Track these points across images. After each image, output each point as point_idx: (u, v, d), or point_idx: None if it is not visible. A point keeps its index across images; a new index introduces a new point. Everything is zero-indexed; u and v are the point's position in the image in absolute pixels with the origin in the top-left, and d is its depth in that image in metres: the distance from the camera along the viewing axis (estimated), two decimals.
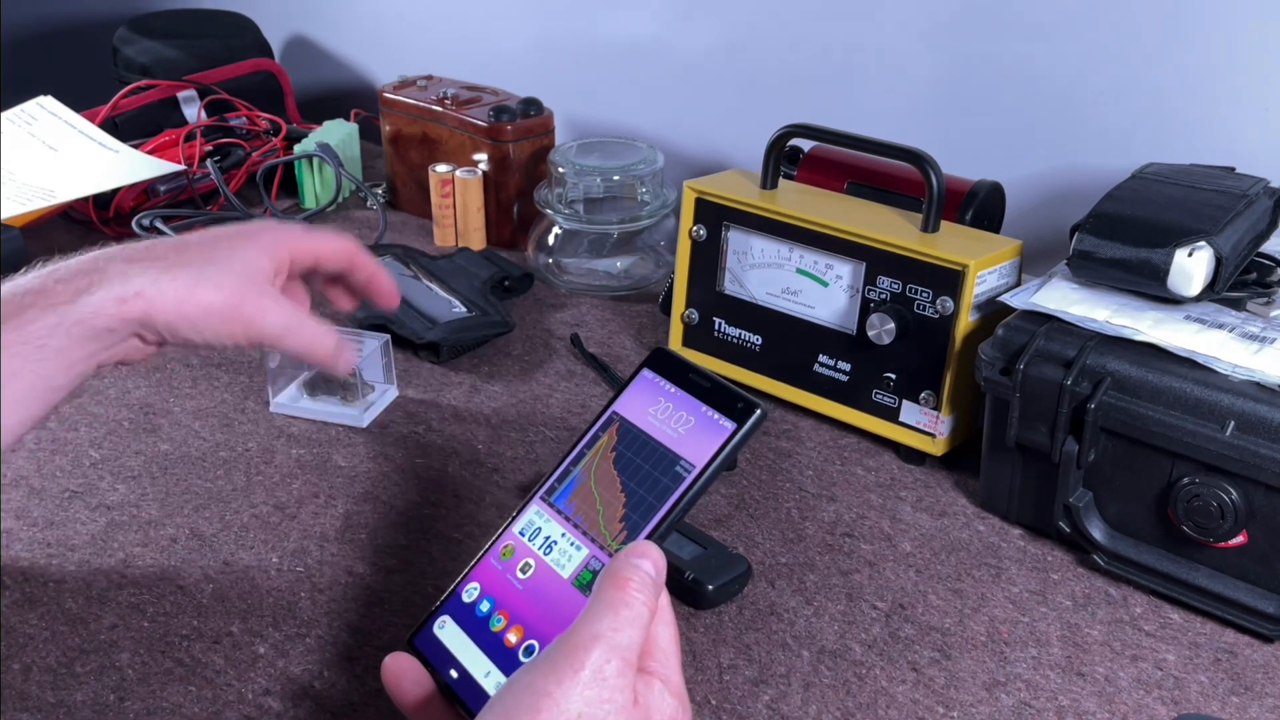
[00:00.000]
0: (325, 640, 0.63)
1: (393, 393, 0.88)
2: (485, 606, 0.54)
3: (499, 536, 0.57)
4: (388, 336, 0.87)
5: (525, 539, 0.56)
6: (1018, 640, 0.64)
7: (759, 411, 0.53)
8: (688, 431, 0.54)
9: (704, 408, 0.54)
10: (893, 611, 0.66)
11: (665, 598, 0.49)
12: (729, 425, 0.53)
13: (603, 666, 0.44)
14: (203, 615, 0.65)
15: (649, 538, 0.51)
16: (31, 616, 0.65)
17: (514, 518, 0.57)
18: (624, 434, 0.56)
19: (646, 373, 0.58)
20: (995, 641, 0.64)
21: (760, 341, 0.86)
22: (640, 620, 0.47)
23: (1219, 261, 0.67)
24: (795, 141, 0.90)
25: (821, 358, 0.83)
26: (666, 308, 0.94)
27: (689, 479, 0.53)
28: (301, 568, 0.69)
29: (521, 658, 0.51)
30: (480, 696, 0.51)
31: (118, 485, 0.77)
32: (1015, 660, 0.63)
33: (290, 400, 0.86)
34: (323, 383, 0.85)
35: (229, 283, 0.64)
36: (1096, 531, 0.69)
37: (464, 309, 0.96)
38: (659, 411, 0.56)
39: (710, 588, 0.66)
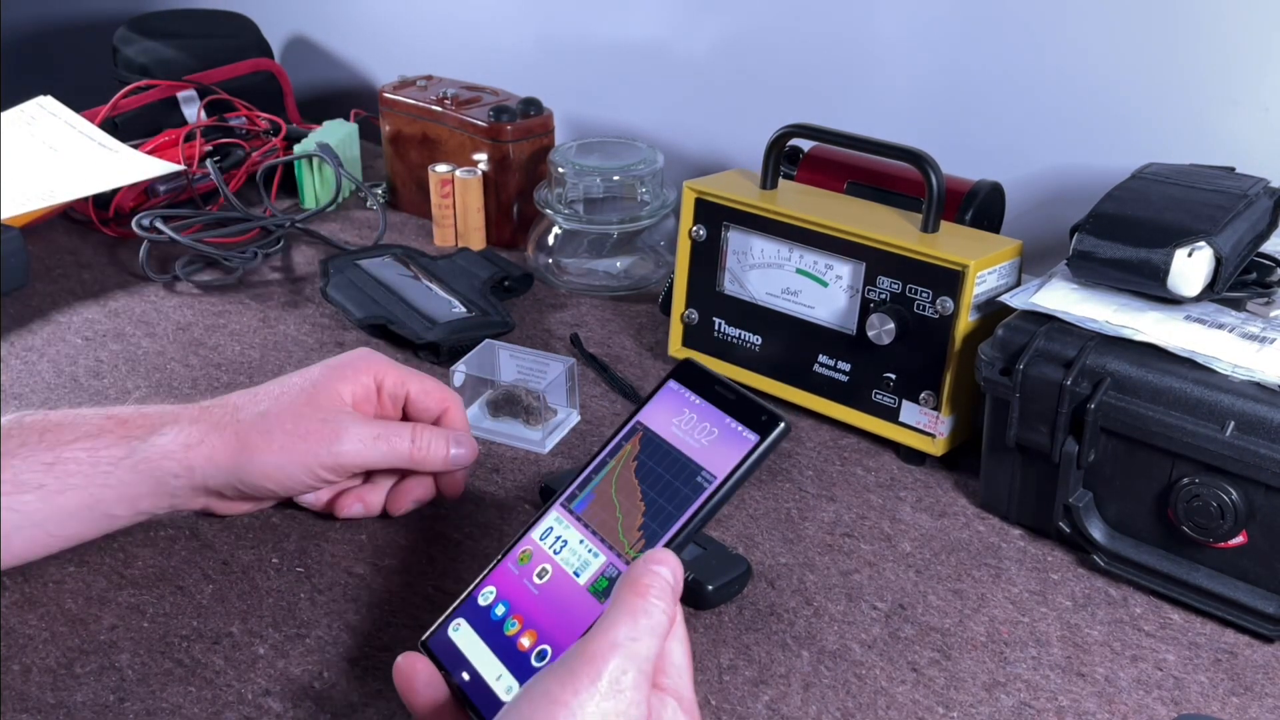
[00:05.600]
0: (325, 640, 0.63)
1: (575, 417, 0.84)
2: (500, 610, 0.54)
3: (518, 541, 0.57)
4: (573, 361, 0.83)
5: (544, 544, 0.56)
6: (1018, 640, 0.64)
7: (782, 425, 0.53)
8: (711, 443, 0.54)
9: (728, 419, 0.55)
10: (893, 612, 0.66)
11: (680, 613, 0.49)
12: (752, 437, 0.53)
13: (620, 677, 0.44)
14: (203, 615, 0.65)
15: (667, 546, 0.52)
16: (31, 617, 0.65)
17: (534, 523, 0.57)
18: (647, 443, 0.56)
19: (672, 384, 0.58)
20: (995, 642, 0.64)
21: (760, 341, 0.86)
22: (659, 629, 0.46)
23: (1219, 261, 0.67)
24: (795, 141, 0.90)
25: (821, 358, 0.83)
26: (666, 308, 0.94)
27: (710, 489, 0.53)
28: (301, 568, 0.69)
29: (534, 663, 0.51)
30: (491, 700, 0.51)
31: None
32: (1015, 660, 0.63)
33: (474, 420, 0.83)
34: (505, 404, 0.83)
35: (293, 426, 0.67)
36: (1096, 531, 0.69)
37: (464, 309, 0.96)
38: (683, 422, 0.56)
39: (710, 588, 0.66)
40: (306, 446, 0.66)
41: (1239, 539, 0.64)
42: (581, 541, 0.55)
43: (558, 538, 0.56)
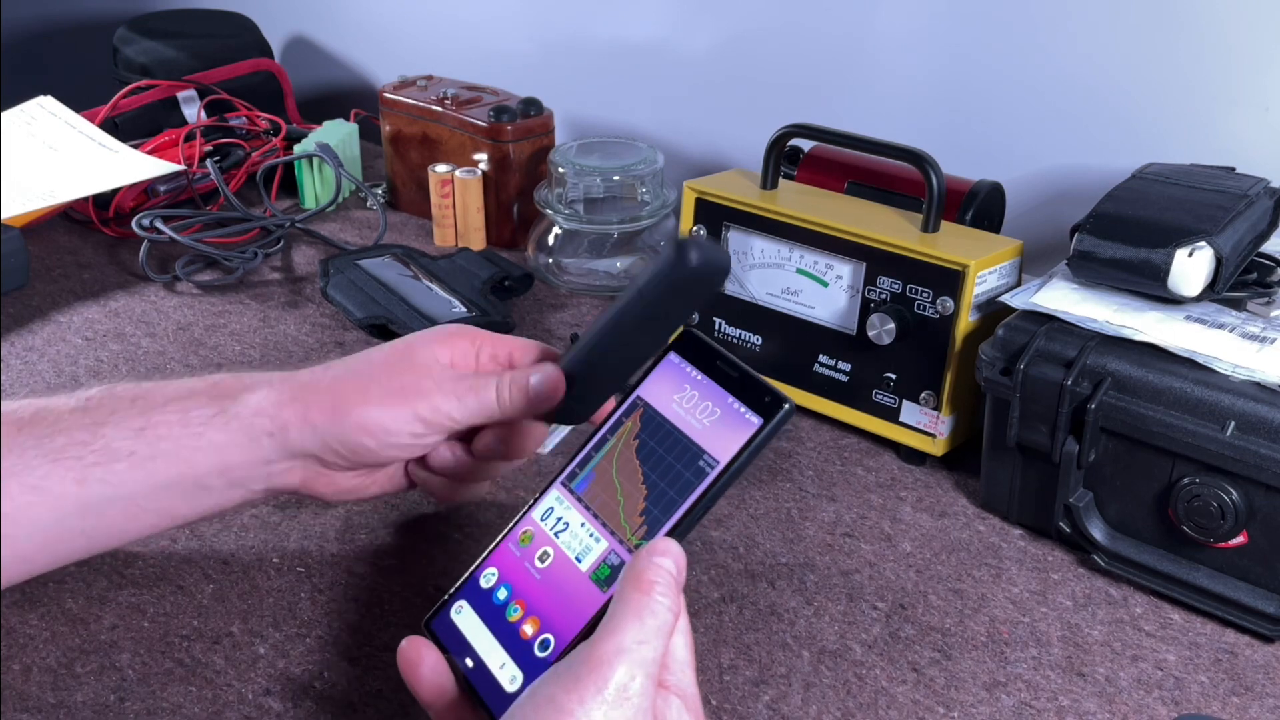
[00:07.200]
0: (325, 640, 0.63)
1: None
2: (503, 594, 0.54)
3: (519, 521, 0.56)
4: None
5: (544, 525, 0.55)
6: (1018, 640, 0.64)
7: (787, 406, 0.51)
8: (713, 424, 0.52)
9: (730, 399, 0.53)
10: (893, 612, 0.66)
11: (683, 605, 0.49)
12: (755, 420, 0.51)
13: (627, 684, 0.44)
14: (203, 615, 0.65)
15: (669, 535, 0.51)
16: (31, 616, 0.65)
17: (534, 502, 0.56)
18: (648, 421, 0.55)
19: (673, 356, 0.56)
20: (995, 642, 0.64)
21: (760, 342, 0.86)
22: (664, 629, 0.46)
23: (1219, 261, 0.67)
24: (795, 141, 0.90)
25: (821, 358, 0.83)
26: None
27: (712, 475, 0.51)
28: (301, 568, 0.69)
29: (537, 651, 0.51)
30: (495, 688, 0.51)
31: None
32: (1016, 660, 0.63)
33: None
34: None
35: (389, 382, 0.63)
36: (1096, 531, 0.69)
37: (464, 309, 0.96)
38: (684, 399, 0.54)
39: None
40: (404, 399, 0.62)
41: (1239, 539, 0.64)
42: (583, 524, 0.54)
43: (559, 519, 0.55)
